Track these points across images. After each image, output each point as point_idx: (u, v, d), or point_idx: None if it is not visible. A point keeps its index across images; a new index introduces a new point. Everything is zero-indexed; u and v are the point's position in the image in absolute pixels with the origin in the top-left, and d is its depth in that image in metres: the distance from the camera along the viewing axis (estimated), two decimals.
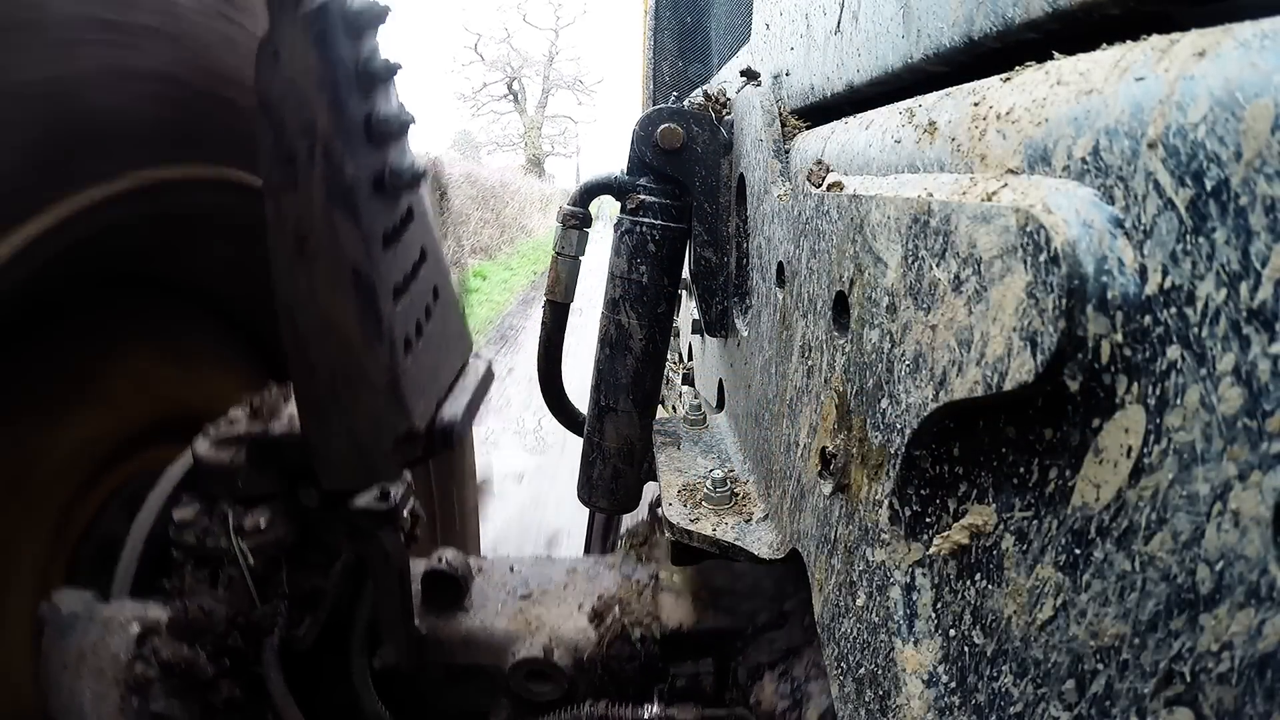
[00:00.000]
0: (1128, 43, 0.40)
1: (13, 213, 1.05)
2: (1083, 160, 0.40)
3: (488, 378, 1.26)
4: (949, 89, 0.60)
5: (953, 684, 0.51)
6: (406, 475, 1.26)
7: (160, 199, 1.26)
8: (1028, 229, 0.39)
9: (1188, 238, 0.33)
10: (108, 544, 1.29)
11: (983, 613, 0.48)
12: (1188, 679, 0.33)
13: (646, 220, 1.32)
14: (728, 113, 1.27)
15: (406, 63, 0.93)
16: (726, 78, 1.72)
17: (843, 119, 0.85)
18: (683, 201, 1.31)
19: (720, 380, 1.49)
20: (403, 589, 1.20)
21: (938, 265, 0.50)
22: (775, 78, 1.16)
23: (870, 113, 0.76)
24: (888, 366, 0.58)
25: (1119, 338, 0.37)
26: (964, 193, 0.48)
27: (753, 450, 1.12)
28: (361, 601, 1.25)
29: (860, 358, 0.64)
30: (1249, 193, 0.30)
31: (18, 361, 1.23)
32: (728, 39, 2.12)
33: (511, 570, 1.36)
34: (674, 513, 1.05)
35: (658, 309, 1.37)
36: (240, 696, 1.12)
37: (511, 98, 45.15)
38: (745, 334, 1.18)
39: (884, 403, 0.58)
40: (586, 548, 2.09)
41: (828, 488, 0.71)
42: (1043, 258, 0.38)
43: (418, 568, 1.30)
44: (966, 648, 0.50)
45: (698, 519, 1.04)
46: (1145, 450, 0.35)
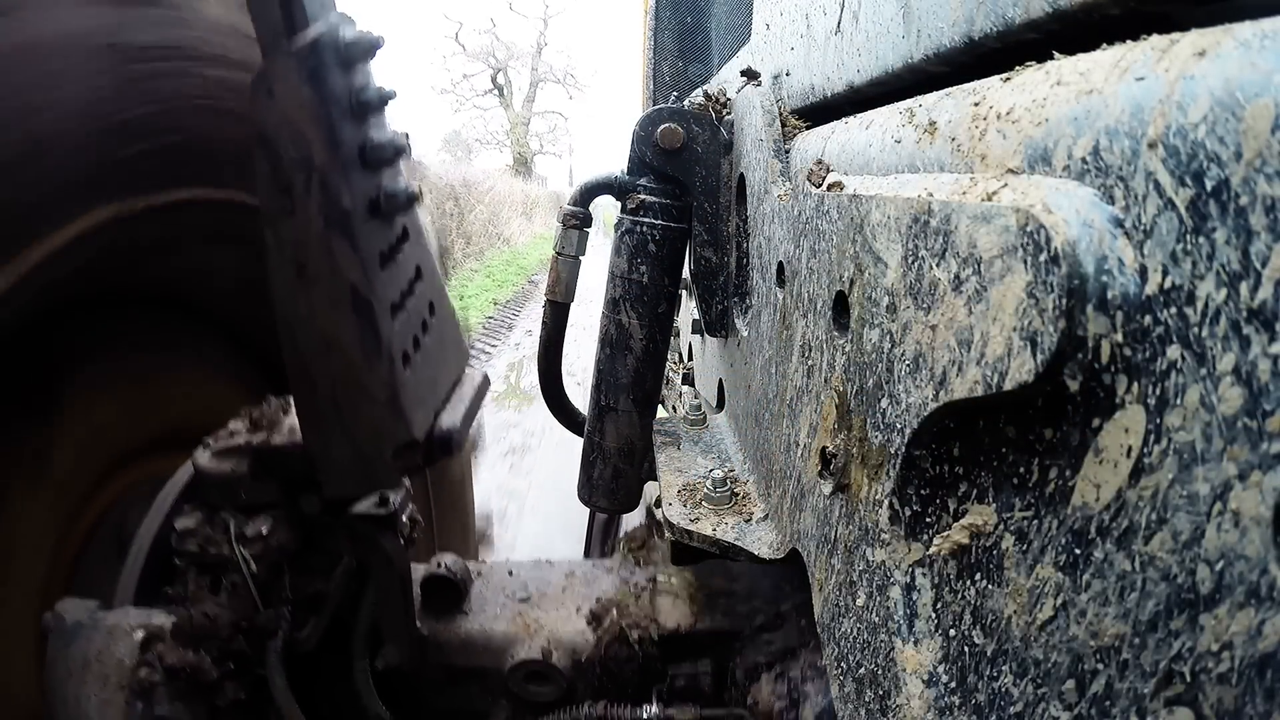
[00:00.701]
0: (1128, 43, 0.40)
1: (26, 232, 1.06)
2: (1083, 160, 0.40)
3: (483, 386, 1.28)
4: (949, 89, 0.60)
5: (953, 684, 0.51)
6: (405, 482, 1.27)
7: (164, 221, 1.28)
8: (1028, 229, 0.39)
9: (1188, 238, 0.33)
10: (109, 554, 1.30)
11: (983, 613, 0.48)
12: (1188, 679, 0.33)
13: (647, 220, 1.32)
14: (728, 113, 1.27)
15: (383, 54, 0.93)
16: (726, 78, 1.72)
17: (843, 119, 0.85)
18: (683, 201, 1.31)
19: (720, 380, 1.49)
20: (404, 591, 1.21)
21: (938, 265, 0.50)
22: (775, 78, 1.16)
23: (870, 113, 0.76)
24: (888, 366, 0.58)
25: (1119, 338, 0.37)
26: (964, 193, 0.48)
27: (753, 450, 1.12)
28: (363, 605, 1.26)
29: (860, 358, 0.64)
30: (1249, 193, 0.30)
31: (19, 375, 1.23)
32: (728, 39, 2.12)
33: (510, 574, 1.36)
34: (674, 513, 1.05)
35: (658, 309, 1.37)
36: (244, 699, 1.13)
37: (496, 91, 41.30)
38: (745, 334, 1.18)
39: (884, 403, 0.58)
40: (587, 548, 2.09)
41: (828, 488, 0.71)
42: (1043, 258, 0.38)
43: (417, 573, 1.31)
44: (966, 648, 0.50)
45: (698, 519, 1.04)
46: (1145, 450, 0.35)
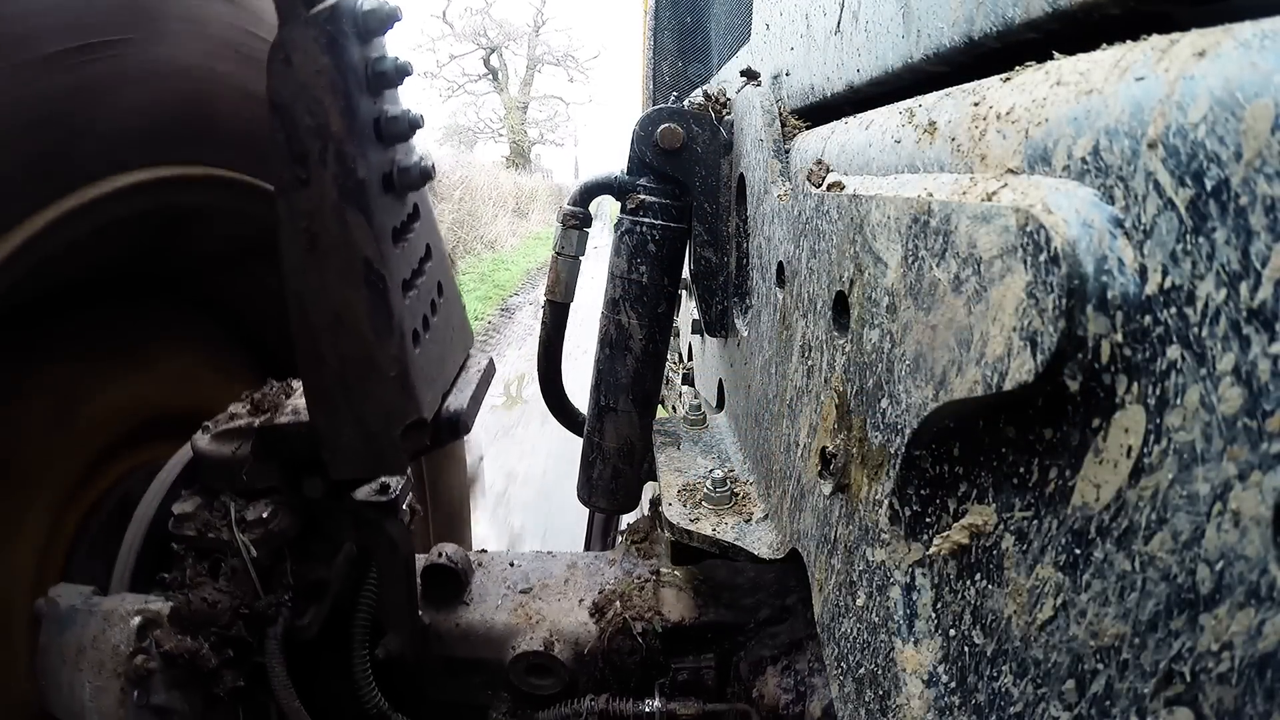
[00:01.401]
0: (1128, 43, 0.40)
1: (19, 208, 1.05)
2: (1083, 160, 0.40)
3: (489, 371, 1.27)
4: (949, 89, 0.60)
5: (953, 684, 0.51)
6: (407, 470, 1.26)
7: (158, 198, 1.26)
8: (1028, 229, 0.39)
9: (1188, 238, 0.33)
10: (104, 540, 1.29)
11: (983, 613, 0.48)
12: (1188, 679, 0.33)
13: (647, 220, 1.32)
14: (728, 113, 1.27)
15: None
16: (726, 78, 1.72)
17: (843, 119, 0.85)
18: (683, 201, 1.31)
19: (720, 380, 1.49)
20: (408, 577, 1.20)
21: (938, 265, 0.50)
22: (775, 78, 1.16)
23: (870, 113, 0.76)
24: (888, 366, 0.58)
25: (1119, 338, 0.37)
26: (964, 193, 0.48)
27: (753, 450, 1.12)
28: (364, 592, 1.25)
29: (860, 358, 0.64)
30: (1249, 193, 0.30)
31: (16, 357, 1.23)
32: (728, 39, 2.12)
33: (511, 565, 1.36)
34: (674, 513, 1.05)
35: (658, 309, 1.37)
36: (243, 687, 1.12)
37: (490, 75, 36.57)
38: (745, 334, 1.18)
39: (884, 403, 0.58)
40: (587, 548, 2.09)
41: (828, 488, 0.71)
42: (1043, 258, 0.38)
43: (418, 563, 1.30)
44: (966, 648, 0.50)
45: (698, 519, 1.04)
46: (1145, 450, 0.35)
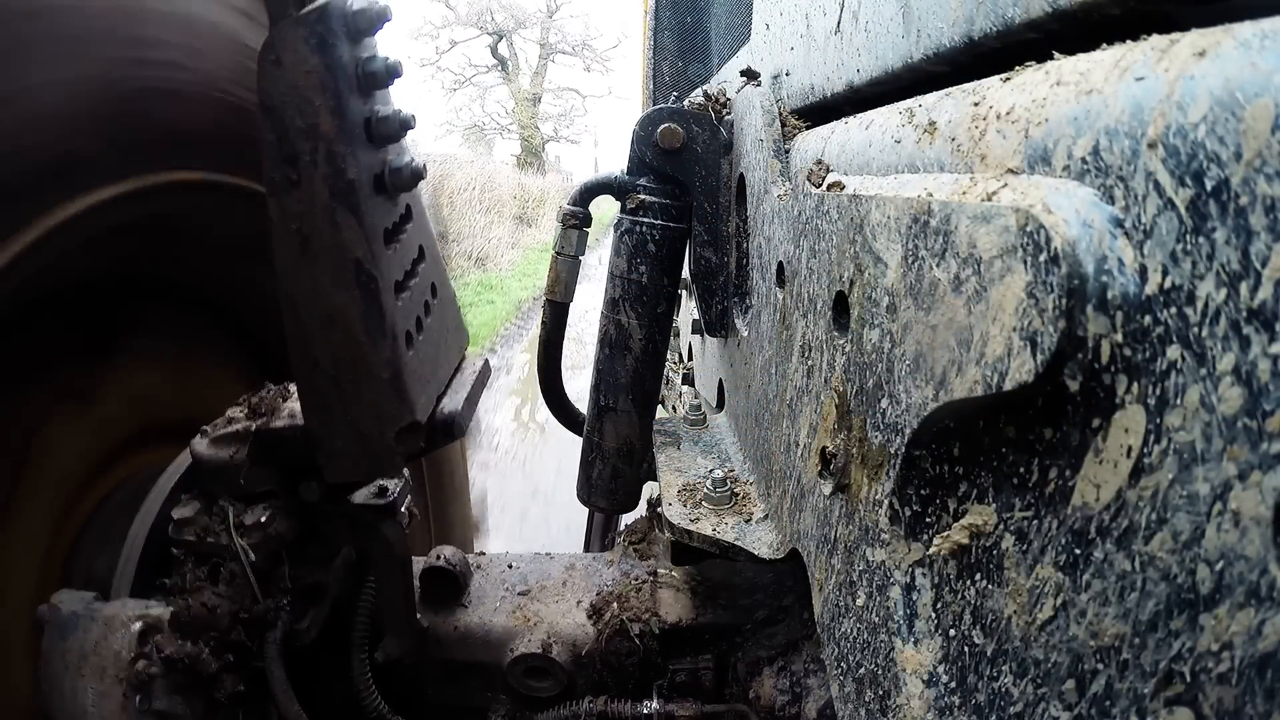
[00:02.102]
0: (1128, 43, 0.40)
1: (16, 217, 1.05)
2: (1083, 160, 0.40)
3: (485, 372, 1.27)
4: (949, 89, 0.60)
5: (953, 684, 0.51)
6: (404, 473, 1.26)
7: (155, 204, 1.26)
8: (1028, 229, 0.39)
9: (1188, 238, 0.33)
10: (105, 545, 1.29)
11: (983, 613, 0.48)
12: (1188, 679, 0.33)
13: (646, 220, 1.32)
14: (728, 113, 1.27)
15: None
16: (726, 78, 1.72)
17: (843, 119, 0.85)
18: (683, 201, 1.31)
19: (720, 380, 1.49)
20: (405, 580, 1.20)
21: (938, 265, 0.50)
22: (775, 78, 1.16)
23: (870, 113, 0.76)
24: (888, 366, 0.58)
25: (1119, 338, 0.37)
26: (964, 193, 0.48)
27: (753, 450, 1.12)
28: (362, 596, 1.25)
29: (860, 358, 0.64)
30: (1249, 193, 0.30)
31: (16, 362, 1.23)
32: (728, 39, 2.12)
33: (510, 567, 1.36)
34: (674, 513, 1.05)
35: (658, 309, 1.37)
36: (243, 691, 1.12)
37: (498, 65, 32.15)
38: (745, 334, 1.18)
39: (884, 403, 0.58)
40: (586, 548, 2.09)
41: (828, 488, 0.71)
42: (1043, 258, 0.38)
43: (416, 565, 1.30)
44: (966, 648, 0.50)
45: (698, 519, 1.04)
46: (1145, 450, 0.35)
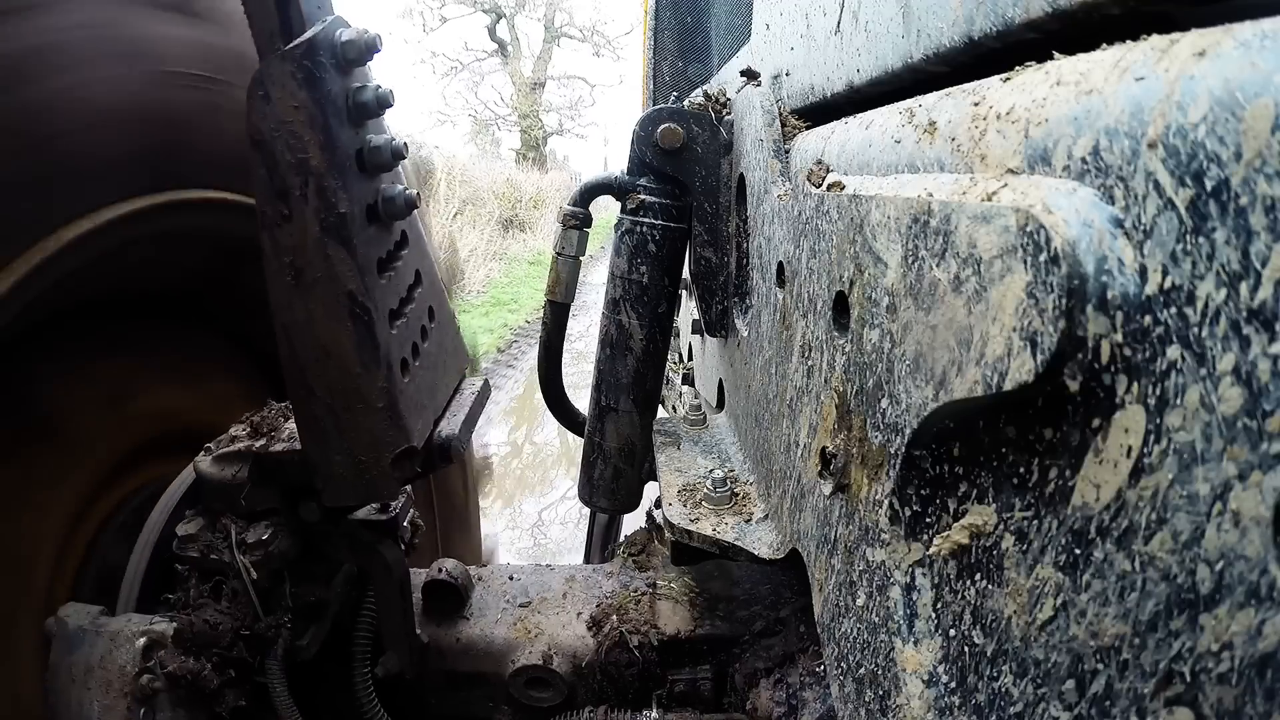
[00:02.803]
0: (1128, 43, 0.40)
1: (19, 239, 1.07)
2: (1083, 160, 0.40)
3: (484, 393, 1.27)
4: (949, 89, 0.60)
5: (953, 684, 0.51)
6: (407, 489, 1.27)
7: (159, 222, 1.28)
8: (1028, 229, 0.39)
9: (1188, 238, 0.33)
10: (112, 560, 1.30)
11: (983, 613, 0.48)
12: (1188, 679, 0.33)
13: (647, 220, 1.32)
14: (728, 113, 1.27)
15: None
16: (726, 78, 1.72)
17: (843, 119, 0.85)
18: (683, 201, 1.31)
19: (720, 380, 1.49)
20: (404, 598, 1.21)
21: (938, 265, 0.49)
22: (775, 78, 1.16)
23: (870, 113, 0.76)
24: (888, 366, 0.58)
25: (1119, 338, 0.37)
26: (964, 193, 0.48)
27: (753, 450, 1.12)
28: (363, 612, 1.26)
29: (860, 358, 0.64)
30: (1249, 193, 0.30)
31: (20, 378, 1.23)
32: (728, 39, 2.12)
33: (511, 579, 1.37)
34: (674, 513, 1.05)
35: (658, 309, 1.37)
36: (245, 706, 1.14)
37: (497, 49, 28.68)
38: (745, 334, 1.18)
39: (884, 403, 0.58)
40: (587, 550, 2.09)
41: (828, 488, 0.71)
42: (1043, 258, 0.38)
43: (418, 578, 1.31)
44: (966, 648, 0.50)
45: (698, 519, 1.04)
46: (1145, 450, 0.35)
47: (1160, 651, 0.34)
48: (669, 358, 2.04)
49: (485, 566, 1.41)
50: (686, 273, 1.42)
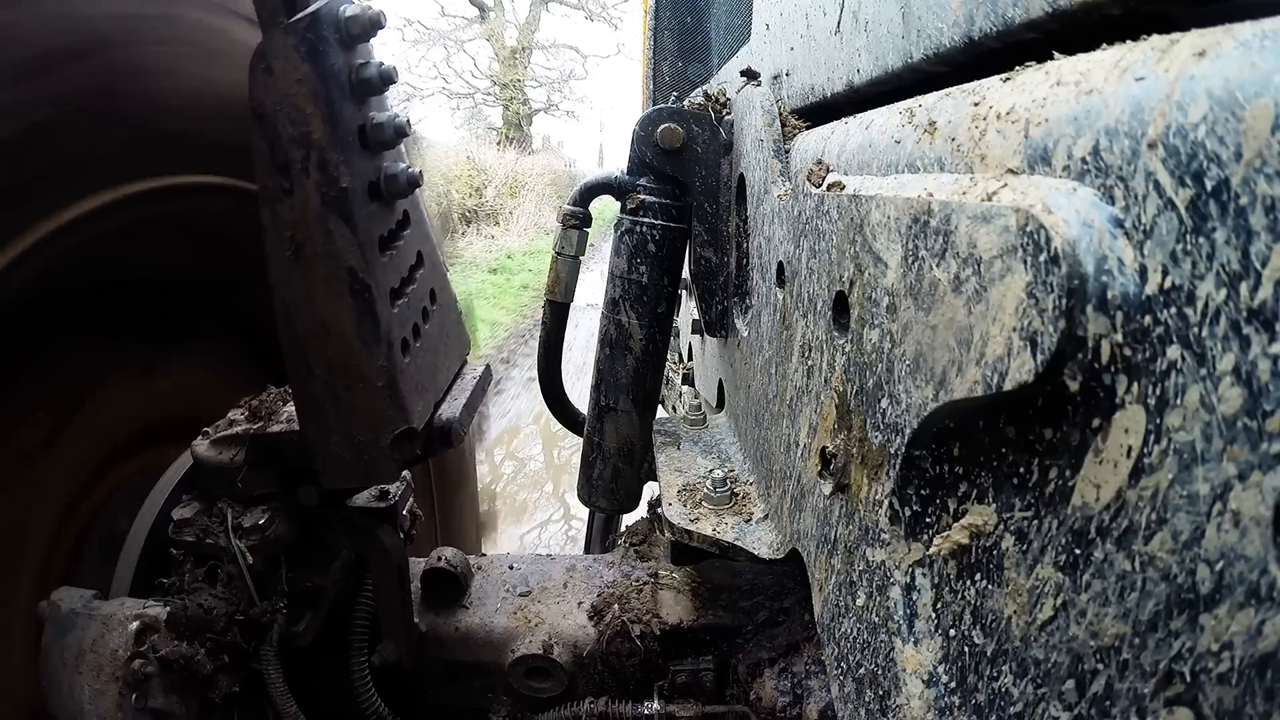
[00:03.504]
0: (1128, 43, 0.40)
1: (18, 219, 1.06)
2: (1083, 160, 0.40)
3: (485, 378, 1.26)
4: (949, 89, 0.60)
5: (953, 684, 0.51)
6: (406, 475, 1.26)
7: (158, 206, 1.27)
8: (1028, 229, 0.39)
9: (1188, 238, 0.33)
10: (108, 543, 1.29)
11: (983, 613, 0.48)
12: (1188, 679, 0.33)
13: (646, 220, 1.32)
14: (728, 113, 1.27)
15: None
16: (726, 78, 1.72)
17: (843, 119, 0.85)
18: (683, 201, 1.31)
19: (720, 380, 1.49)
20: (402, 585, 1.20)
21: (938, 265, 0.50)
22: (775, 78, 1.16)
23: (870, 113, 0.76)
24: (888, 366, 0.58)
25: (1119, 338, 0.37)
26: (964, 193, 0.48)
27: (753, 450, 1.12)
28: (360, 599, 1.25)
29: (860, 358, 0.64)
30: (1249, 193, 0.30)
31: (18, 363, 1.23)
32: (728, 39, 2.12)
33: (511, 568, 1.36)
34: (674, 513, 1.05)
35: (658, 309, 1.37)
36: (239, 693, 1.13)
37: (478, 14, 24.54)
38: (745, 334, 1.18)
39: (884, 403, 0.58)
40: (587, 549, 2.09)
41: (828, 488, 0.71)
42: (1043, 258, 0.38)
43: (417, 566, 1.30)
44: (966, 648, 0.50)
45: (698, 519, 1.04)
46: (1145, 450, 0.35)
47: (1160, 651, 0.34)
48: (669, 358, 2.04)
49: (483, 556, 1.41)
50: (686, 273, 1.42)
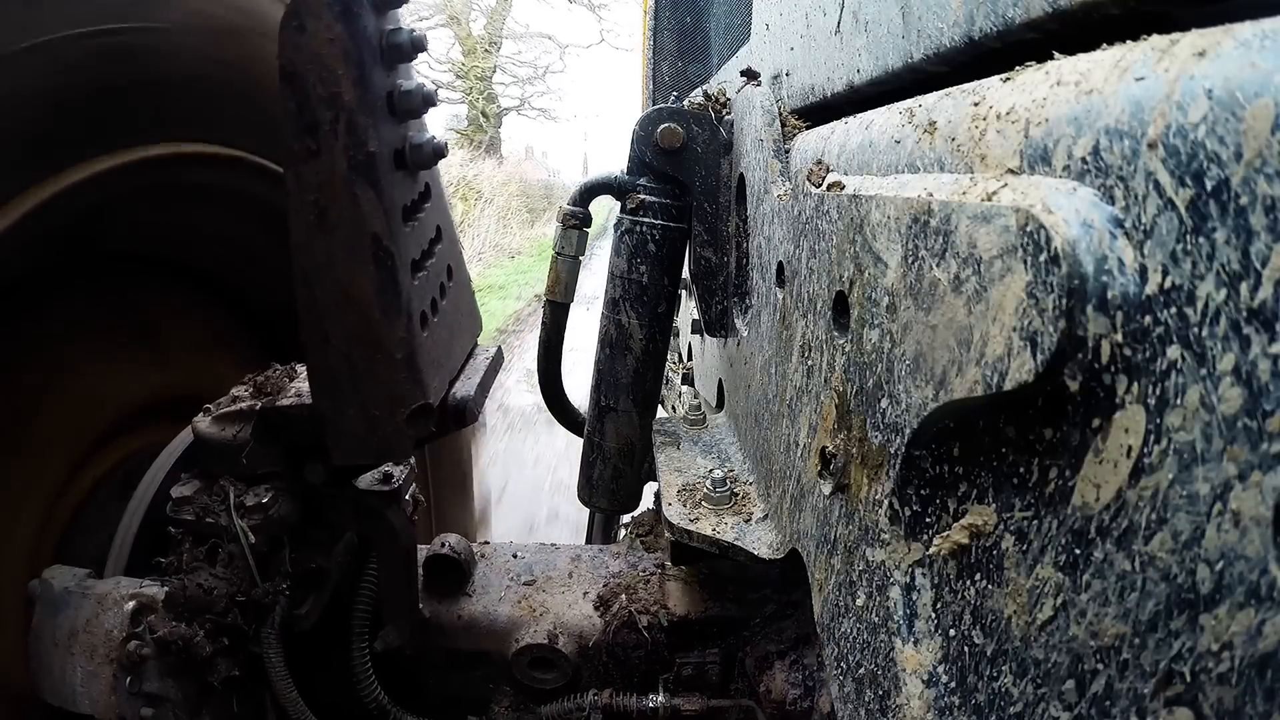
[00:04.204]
0: (1128, 43, 0.40)
1: (12, 185, 1.04)
2: (1083, 160, 0.40)
3: (498, 359, 1.25)
4: (949, 89, 0.60)
5: (953, 684, 0.51)
6: (410, 460, 1.24)
7: (160, 176, 1.26)
8: (1028, 229, 0.39)
9: (1188, 238, 0.33)
10: (102, 522, 1.27)
11: (983, 613, 0.48)
12: (1188, 679, 0.33)
13: (646, 220, 1.32)
14: (728, 113, 1.27)
15: None
16: (726, 78, 1.72)
17: (843, 119, 0.85)
18: (683, 201, 1.31)
19: (720, 380, 1.49)
20: (409, 568, 1.17)
21: (938, 265, 0.50)
22: (775, 77, 1.16)
23: (870, 113, 0.76)
24: (888, 366, 0.58)
25: (1119, 338, 0.37)
26: (964, 193, 0.48)
27: (753, 450, 1.12)
28: (364, 583, 1.23)
29: (860, 358, 0.64)
30: (1249, 193, 0.30)
31: (10, 336, 1.22)
32: (728, 39, 2.12)
33: (515, 556, 1.34)
34: (674, 513, 1.05)
35: (658, 309, 1.37)
36: (238, 676, 1.09)
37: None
38: (745, 334, 1.18)
39: (884, 403, 0.58)
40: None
41: (828, 488, 0.71)
42: (1043, 258, 0.38)
43: (420, 553, 1.28)
44: (966, 648, 0.50)
45: (698, 519, 1.04)
46: (1145, 450, 0.35)
47: (1160, 651, 0.34)
48: (669, 358, 2.04)
49: (486, 544, 1.40)
50: (686, 273, 1.42)
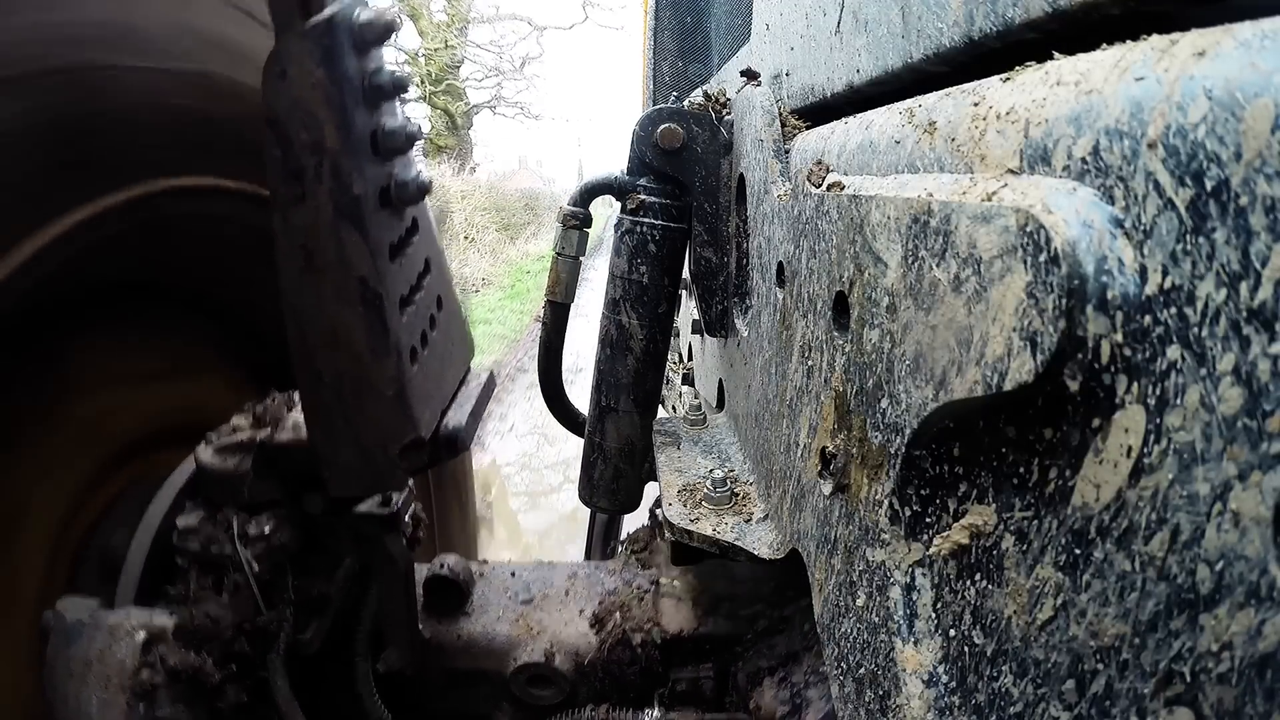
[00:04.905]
0: (1128, 43, 0.40)
1: (22, 222, 1.06)
2: (1083, 160, 0.40)
3: (489, 385, 1.27)
4: (949, 89, 0.60)
5: (953, 684, 0.51)
6: (409, 482, 1.26)
7: (161, 208, 1.27)
8: (1028, 229, 0.39)
9: (1188, 238, 0.33)
10: (110, 552, 1.29)
11: (983, 613, 0.48)
12: (1188, 679, 0.33)
13: (647, 220, 1.32)
14: (728, 113, 1.27)
15: None
16: (726, 78, 1.72)
17: (843, 119, 0.85)
18: (683, 201, 1.31)
19: (720, 380, 1.49)
20: (407, 592, 1.20)
21: (938, 265, 0.50)
22: (775, 78, 1.16)
23: (870, 113, 0.76)
24: (888, 366, 0.58)
25: (1119, 338, 0.37)
26: (964, 193, 0.48)
27: (753, 450, 1.12)
28: (365, 606, 1.26)
29: (860, 358, 0.64)
30: (1249, 193, 0.30)
31: (16, 368, 1.23)
32: (728, 39, 2.12)
33: (513, 575, 1.36)
34: (674, 513, 1.05)
35: (658, 309, 1.37)
36: (246, 701, 1.13)
37: None
38: (745, 334, 1.18)
39: (884, 403, 0.58)
40: (588, 550, 2.09)
41: (828, 488, 0.71)
42: (1043, 258, 0.38)
43: (420, 573, 1.30)
44: (966, 648, 0.50)
45: (698, 519, 1.04)
46: (1145, 450, 0.35)
47: (1160, 651, 0.34)
48: (669, 358, 2.04)
49: (485, 563, 1.41)
50: (686, 273, 1.42)
